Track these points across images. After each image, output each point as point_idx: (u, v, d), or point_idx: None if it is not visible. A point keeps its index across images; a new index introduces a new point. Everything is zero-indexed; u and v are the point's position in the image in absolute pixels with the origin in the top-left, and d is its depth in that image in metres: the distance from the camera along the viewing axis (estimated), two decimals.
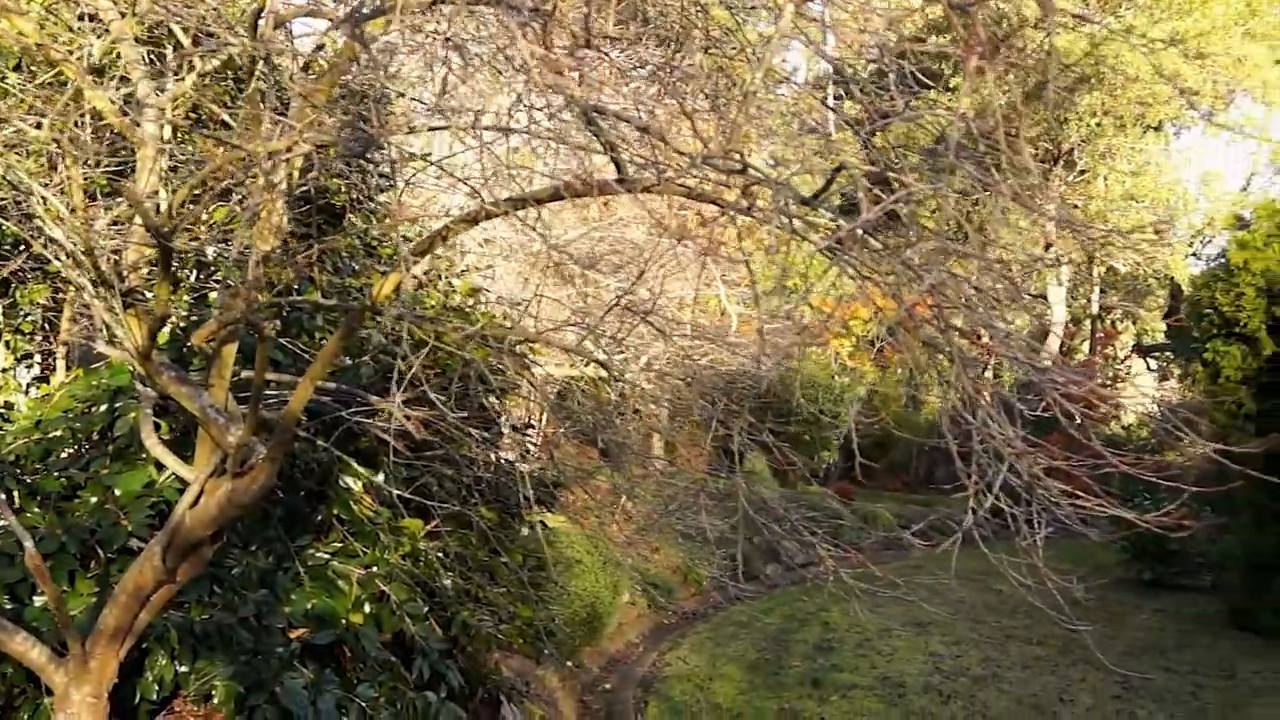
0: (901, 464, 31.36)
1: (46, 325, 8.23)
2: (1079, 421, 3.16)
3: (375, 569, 6.47)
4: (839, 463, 29.08)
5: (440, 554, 6.80)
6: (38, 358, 8.62)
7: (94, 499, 5.83)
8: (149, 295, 4.34)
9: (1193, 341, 16.44)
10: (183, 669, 5.46)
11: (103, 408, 6.26)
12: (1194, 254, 32.57)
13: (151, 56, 5.64)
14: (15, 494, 5.84)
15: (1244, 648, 14.96)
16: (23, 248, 6.17)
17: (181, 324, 6.50)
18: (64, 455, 6.24)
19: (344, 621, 6.21)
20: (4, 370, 8.07)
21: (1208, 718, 11.31)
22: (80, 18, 4.77)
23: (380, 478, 6.57)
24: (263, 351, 3.90)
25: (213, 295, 6.50)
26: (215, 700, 5.47)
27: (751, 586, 18.09)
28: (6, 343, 8.10)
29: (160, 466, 5.74)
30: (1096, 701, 11.68)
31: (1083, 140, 29.85)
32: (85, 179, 4.62)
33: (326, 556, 6.50)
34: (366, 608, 6.32)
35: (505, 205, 3.50)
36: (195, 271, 6.52)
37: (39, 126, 4.15)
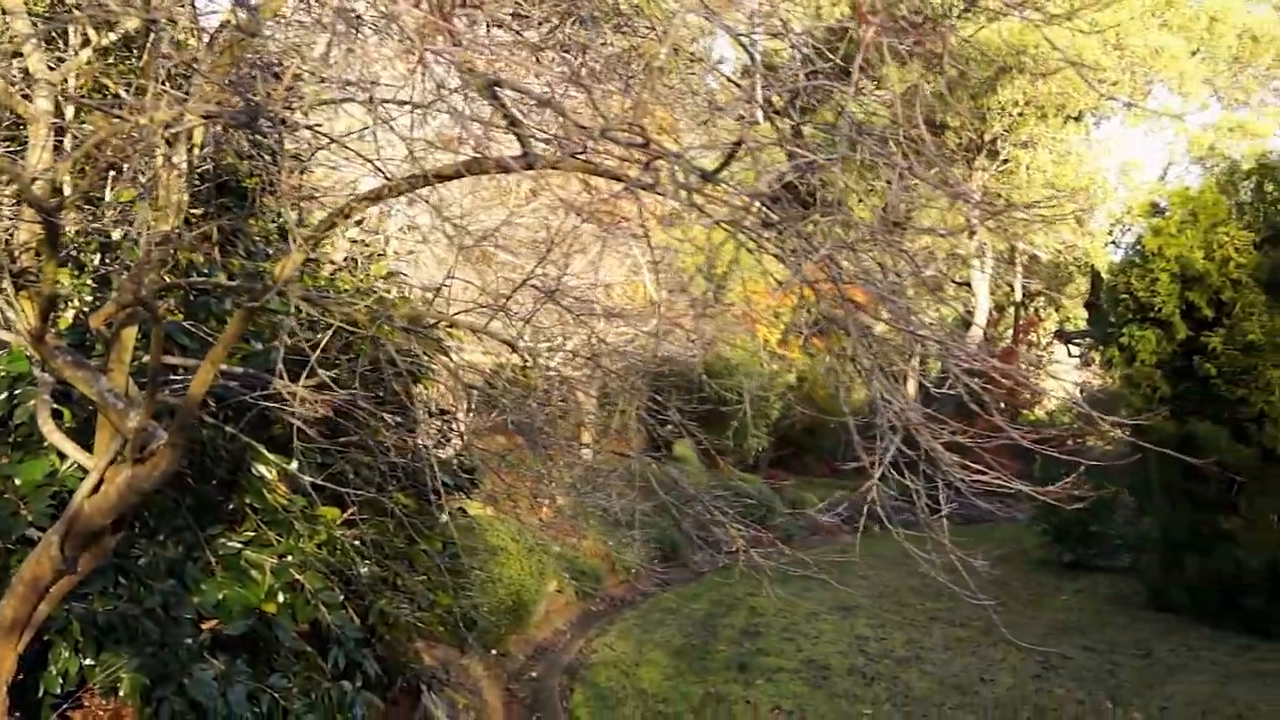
0: (830, 450, 31.63)
1: None
2: (983, 397, 3.18)
3: (289, 558, 6.36)
4: (769, 449, 29.26)
5: (357, 542, 6.70)
6: None
7: None
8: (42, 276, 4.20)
9: (1109, 326, 16.77)
10: (87, 662, 5.31)
11: (1, 395, 6.06)
12: (1113, 242, 33.18)
13: (53, 34, 5.47)
14: None
15: (1160, 627, 15.33)
16: None
17: (85, 309, 6.32)
18: None
19: (257, 611, 6.09)
20: None
21: (1124, 695, 11.54)
22: None
23: (294, 465, 6.44)
24: (158, 333, 3.80)
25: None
26: (121, 693, 5.33)
27: (680, 573, 18.15)
28: None
29: (64, 455, 5.58)
30: (1017, 680, 11.89)
31: (1005, 130, 30.32)
32: None
33: (239, 546, 6.36)
34: (280, 597, 6.21)
35: (406, 183, 3.44)
36: (100, 254, 6.34)
37: None
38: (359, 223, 11.02)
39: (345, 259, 8.87)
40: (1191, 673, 12.70)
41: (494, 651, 11.21)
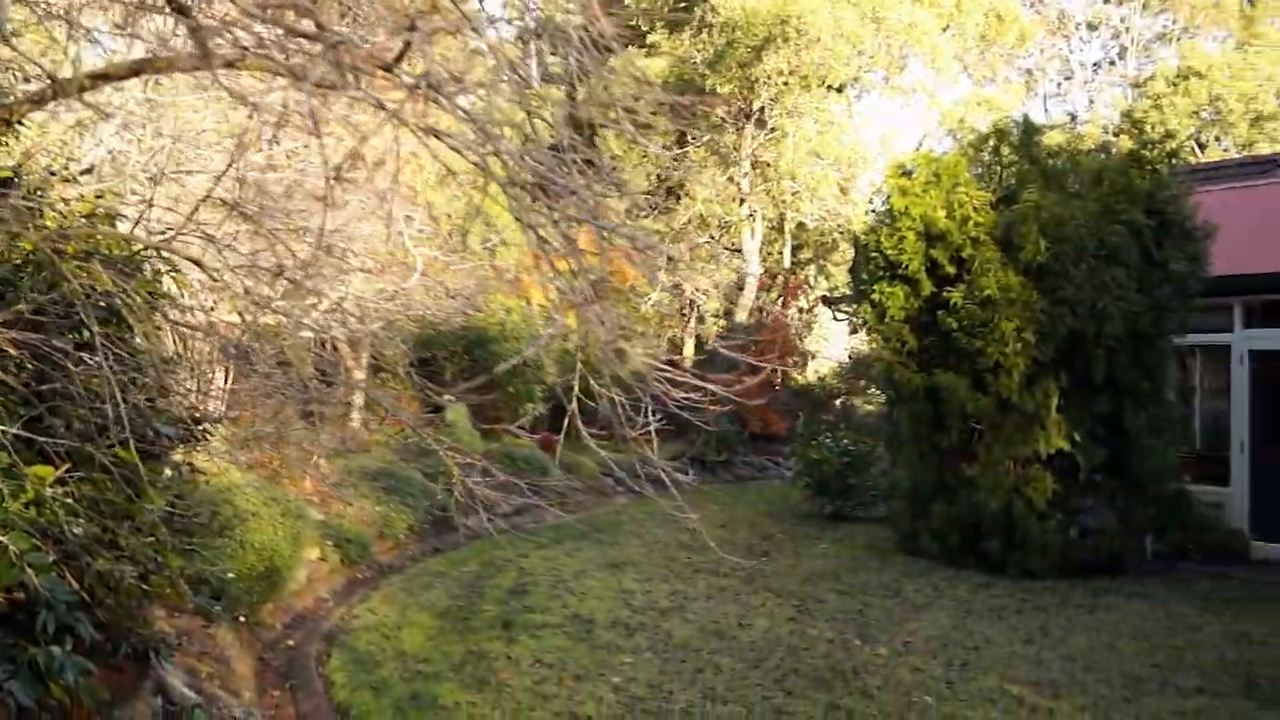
0: (606, 414, 31.88)
1: None
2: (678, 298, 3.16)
3: None
4: (546, 414, 29.29)
5: (69, 499, 6.22)
6: None
7: None
8: None
9: (861, 284, 17.42)
10: None
11: None
12: (873, 210, 34.61)
13: None
14: None
15: (910, 570, 16.13)
16: None
17: None
18: None
19: None
20: None
21: (872, 633, 12.08)
22: None
23: None
24: None
25: None
26: None
27: (452, 537, 17.94)
28: None
29: None
30: (772, 624, 12.27)
31: (772, 99, 31.13)
32: None
33: None
34: None
35: (72, 84, 3.14)
36: None
37: None
38: (88, 171, 10.29)
39: (67, 202, 8.24)
40: (936, 610, 13.41)
41: (243, 619, 10.75)
